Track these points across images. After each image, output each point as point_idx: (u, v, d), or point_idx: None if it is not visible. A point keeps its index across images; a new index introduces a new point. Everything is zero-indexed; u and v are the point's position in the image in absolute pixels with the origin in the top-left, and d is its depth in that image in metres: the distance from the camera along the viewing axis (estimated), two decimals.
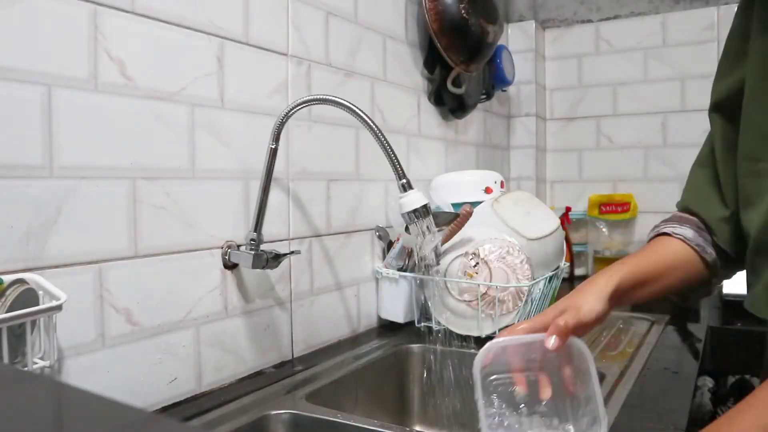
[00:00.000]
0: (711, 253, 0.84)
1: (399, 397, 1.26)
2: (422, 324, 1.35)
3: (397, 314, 1.37)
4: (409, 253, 1.34)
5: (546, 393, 0.69)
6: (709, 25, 2.05)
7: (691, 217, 0.87)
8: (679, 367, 1.12)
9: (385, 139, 0.94)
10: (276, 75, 1.12)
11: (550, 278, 1.37)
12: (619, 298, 0.78)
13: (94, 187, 0.82)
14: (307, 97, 1.01)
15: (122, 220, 0.86)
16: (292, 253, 1.10)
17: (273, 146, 1.02)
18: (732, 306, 1.59)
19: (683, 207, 0.90)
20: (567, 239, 1.85)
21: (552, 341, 0.67)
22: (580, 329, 0.71)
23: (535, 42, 2.19)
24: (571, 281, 2.07)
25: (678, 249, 0.84)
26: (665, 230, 0.86)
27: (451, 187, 1.54)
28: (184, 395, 0.96)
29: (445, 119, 1.75)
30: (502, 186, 1.58)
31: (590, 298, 0.74)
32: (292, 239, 1.16)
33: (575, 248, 2.10)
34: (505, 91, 2.07)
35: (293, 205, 1.17)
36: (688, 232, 0.84)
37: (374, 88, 1.40)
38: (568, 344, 0.69)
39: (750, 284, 0.80)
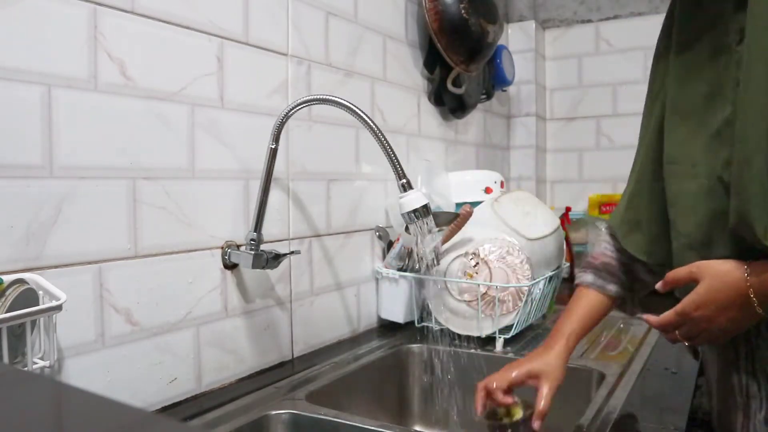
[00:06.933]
0: (611, 289, 0.94)
1: (399, 397, 1.26)
2: (422, 324, 1.35)
3: (397, 314, 1.37)
4: (409, 253, 1.34)
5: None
6: None
7: (598, 255, 0.98)
8: (679, 367, 1.12)
9: (385, 139, 0.94)
10: (276, 75, 1.12)
11: (550, 278, 1.38)
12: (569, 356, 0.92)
13: (94, 187, 0.82)
14: (307, 97, 1.01)
15: (122, 220, 0.86)
16: (292, 253, 1.10)
17: (273, 146, 1.02)
18: None
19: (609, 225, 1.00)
20: (567, 239, 1.85)
21: (536, 426, 0.83)
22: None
23: (535, 42, 2.19)
24: (571, 281, 2.06)
25: (592, 296, 0.95)
26: (576, 282, 0.99)
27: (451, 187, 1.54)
28: (184, 395, 0.96)
29: (445, 119, 1.75)
30: (502, 186, 1.58)
31: (557, 366, 0.88)
32: (292, 239, 1.16)
33: (575, 248, 2.10)
34: (505, 91, 2.07)
35: (293, 205, 1.17)
36: (588, 277, 0.96)
37: (374, 88, 1.40)
38: None
39: None
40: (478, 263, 1.28)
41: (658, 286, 0.81)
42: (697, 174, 0.79)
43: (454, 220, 1.31)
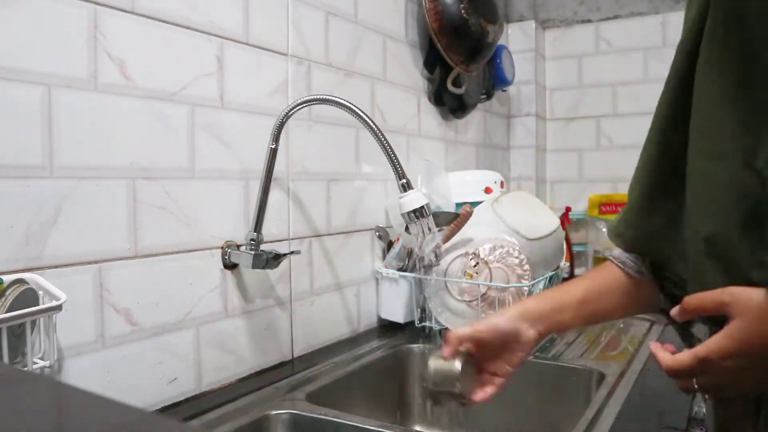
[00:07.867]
0: (643, 271, 0.73)
1: (399, 397, 1.26)
2: (422, 324, 1.35)
3: (397, 314, 1.37)
4: (409, 253, 1.34)
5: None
6: None
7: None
8: None
9: (385, 139, 0.94)
10: (276, 75, 1.12)
11: (550, 278, 1.37)
12: (538, 321, 0.75)
13: (94, 187, 0.82)
14: (307, 97, 1.01)
15: (122, 220, 0.86)
16: (292, 253, 1.10)
17: (273, 146, 1.02)
18: None
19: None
20: (567, 239, 1.84)
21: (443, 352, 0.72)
22: (478, 341, 0.73)
23: (535, 42, 2.19)
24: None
25: (611, 273, 0.76)
26: (607, 254, 0.80)
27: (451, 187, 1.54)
28: (184, 395, 0.96)
29: (445, 119, 1.75)
30: (502, 186, 1.58)
31: (497, 317, 0.76)
32: (292, 239, 1.16)
33: (575, 248, 2.10)
34: (505, 91, 2.07)
35: (293, 205, 1.17)
36: (616, 251, 0.76)
37: (374, 88, 1.40)
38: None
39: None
40: (478, 263, 1.28)
41: (674, 313, 0.62)
42: (722, 155, 0.58)
43: (454, 220, 1.31)
